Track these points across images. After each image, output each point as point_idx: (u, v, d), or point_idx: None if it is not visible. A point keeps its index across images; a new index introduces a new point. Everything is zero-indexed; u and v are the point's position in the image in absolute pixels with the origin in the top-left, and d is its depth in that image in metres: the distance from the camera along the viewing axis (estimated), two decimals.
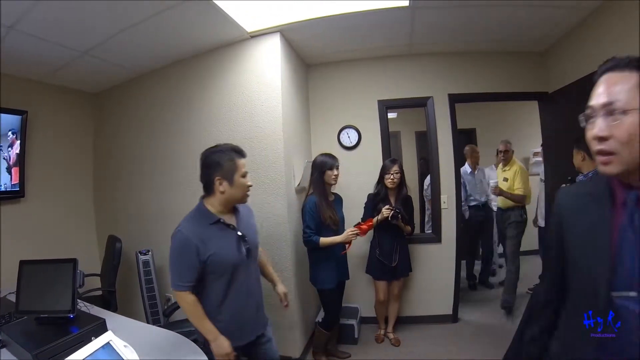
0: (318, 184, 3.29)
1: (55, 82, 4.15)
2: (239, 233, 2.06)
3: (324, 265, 3.27)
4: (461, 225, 4.27)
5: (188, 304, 1.93)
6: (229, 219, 2.08)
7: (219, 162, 2.00)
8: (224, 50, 3.58)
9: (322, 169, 3.28)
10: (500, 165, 4.93)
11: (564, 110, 3.76)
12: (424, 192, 5.15)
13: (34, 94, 3.98)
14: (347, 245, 3.36)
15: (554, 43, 3.87)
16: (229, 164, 2.00)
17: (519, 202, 4.56)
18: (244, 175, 2.04)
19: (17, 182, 3.74)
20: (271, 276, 2.49)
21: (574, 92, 3.53)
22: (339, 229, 3.31)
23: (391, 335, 3.98)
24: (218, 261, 1.94)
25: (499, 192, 4.41)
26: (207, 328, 1.92)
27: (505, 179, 4.68)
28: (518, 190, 4.50)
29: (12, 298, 2.53)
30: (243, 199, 2.11)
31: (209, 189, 2.05)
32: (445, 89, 4.16)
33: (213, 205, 2.05)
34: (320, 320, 3.60)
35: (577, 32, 3.49)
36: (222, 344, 1.88)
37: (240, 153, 2.08)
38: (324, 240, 3.19)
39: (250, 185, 2.10)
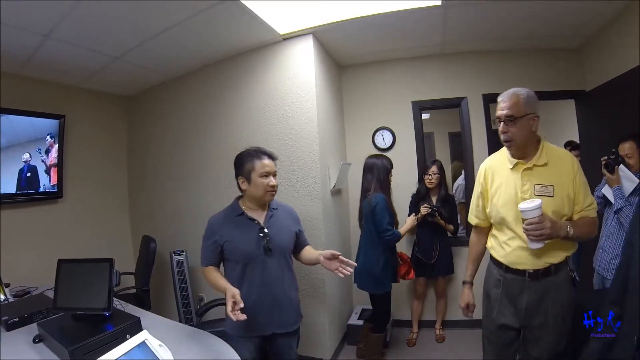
0: (385, 184, 3.31)
1: (90, 87, 4.28)
2: (265, 230, 2.16)
3: (390, 266, 3.26)
4: None
5: (205, 273, 2.19)
6: (256, 215, 2.23)
7: (242, 163, 2.20)
8: (257, 52, 3.59)
9: (388, 170, 3.33)
10: (507, 154, 2.09)
11: (603, 109, 3.61)
12: (454, 195, 5.03)
13: (70, 99, 4.11)
14: None
15: (590, 38, 3.72)
16: (249, 164, 2.17)
17: (583, 239, 2.04)
18: (263, 175, 2.16)
19: (56, 183, 3.87)
20: (315, 258, 2.32)
21: (612, 90, 3.39)
22: None
23: (438, 332, 4.01)
24: (231, 248, 2.14)
25: (549, 230, 1.78)
26: (221, 285, 2.03)
27: (542, 191, 1.93)
28: (589, 210, 1.96)
29: (50, 294, 2.60)
30: (264, 197, 2.20)
31: (239, 188, 2.25)
32: (479, 88, 4.05)
33: (243, 202, 2.27)
34: (371, 326, 3.47)
35: (613, 26, 3.34)
36: (231, 290, 1.90)
37: (264, 154, 2.22)
38: (402, 230, 3.27)
39: (273, 185, 2.18)
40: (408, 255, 3.69)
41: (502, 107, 1.95)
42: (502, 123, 1.96)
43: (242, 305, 1.81)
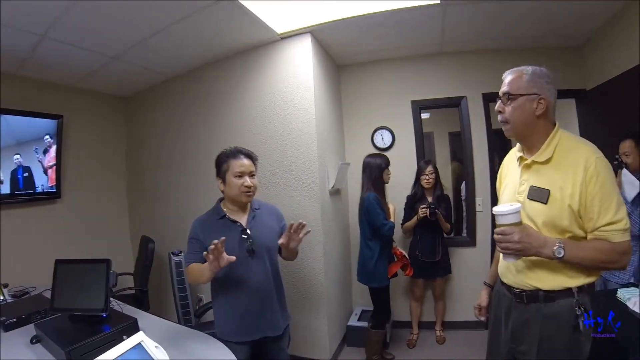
0: (378, 182, 3.35)
1: (88, 87, 4.27)
2: (248, 231, 2.12)
3: (385, 261, 3.30)
4: None
5: (188, 271, 2.08)
6: (238, 217, 2.19)
7: (220, 163, 2.18)
8: (254, 52, 3.57)
9: (381, 168, 3.35)
10: (517, 146, 1.78)
11: (603, 108, 3.59)
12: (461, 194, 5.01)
13: (68, 99, 4.11)
14: None
15: (591, 36, 3.70)
16: (225, 164, 2.14)
17: (590, 267, 1.49)
18: (237, 175, 2.11)
19: (54, 183, 3.87)
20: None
21: (613, 89, 3.37)
22: None
23: (438, 333, 3.99)
24: None
25: (518, 245, 1.44)
26: (204, 267, 1.89)
27: (535, 195, 1.56)
28: (607, 231, 1.42)
29: (47, 295, 2.59)
30: (239, 198, 2.14)
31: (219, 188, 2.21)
32: (479, 88, 4.02)
33: (224, 204, 2.23)
34: (370, 324, 3.52)
35: (613, 25, 3.33)
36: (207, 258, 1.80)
37: (241, 153, 2.18)
38: (391, 219, 3.29)
39: (248, 186, 2.12)
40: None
41: (503, 84, 1.68)
42: (499, 101, 1.68)
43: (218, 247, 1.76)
